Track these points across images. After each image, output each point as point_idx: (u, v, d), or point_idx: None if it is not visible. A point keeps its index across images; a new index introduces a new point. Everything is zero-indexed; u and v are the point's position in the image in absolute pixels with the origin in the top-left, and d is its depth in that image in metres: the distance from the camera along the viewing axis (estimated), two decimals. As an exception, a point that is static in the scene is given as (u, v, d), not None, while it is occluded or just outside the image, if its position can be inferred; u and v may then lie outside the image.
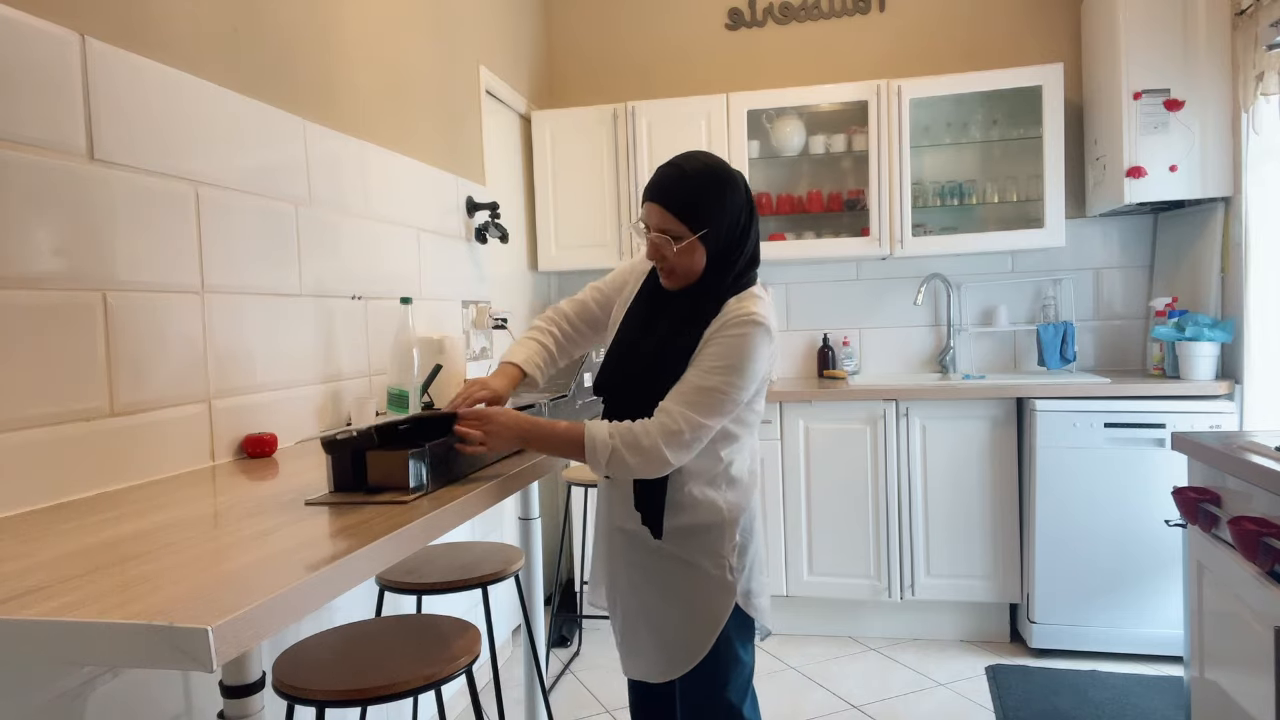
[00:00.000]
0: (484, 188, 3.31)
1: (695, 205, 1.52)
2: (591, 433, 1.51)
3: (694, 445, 1.52)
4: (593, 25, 4.12)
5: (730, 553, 1.64)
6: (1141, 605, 3.07)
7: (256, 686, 1.04)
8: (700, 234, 1.53)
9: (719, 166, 1.57)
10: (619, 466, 1.50)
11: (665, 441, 1.49)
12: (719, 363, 1.51)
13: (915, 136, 3.66)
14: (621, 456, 1.49)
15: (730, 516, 1.64)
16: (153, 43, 1.69)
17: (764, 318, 1.54)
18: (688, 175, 1.53)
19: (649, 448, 1.48)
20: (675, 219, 1.53)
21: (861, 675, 3.08)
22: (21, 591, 0.93)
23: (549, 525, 3.93)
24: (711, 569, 1.63)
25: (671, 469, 1.52)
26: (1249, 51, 2.87)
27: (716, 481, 1.63)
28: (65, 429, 1.46)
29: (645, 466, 1.50)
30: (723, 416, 1.53)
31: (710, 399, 1.50)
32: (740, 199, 1.58)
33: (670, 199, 1.53)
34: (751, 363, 1.52)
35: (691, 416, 1.49)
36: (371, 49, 2.53)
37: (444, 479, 1.49)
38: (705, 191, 1.53)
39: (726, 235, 1.56)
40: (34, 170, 1.41)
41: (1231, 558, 1.78)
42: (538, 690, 2.41)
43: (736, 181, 1.58)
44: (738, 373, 1.51)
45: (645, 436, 1.49)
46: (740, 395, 1.53)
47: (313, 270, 2.19)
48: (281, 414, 2.05)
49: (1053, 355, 3.51)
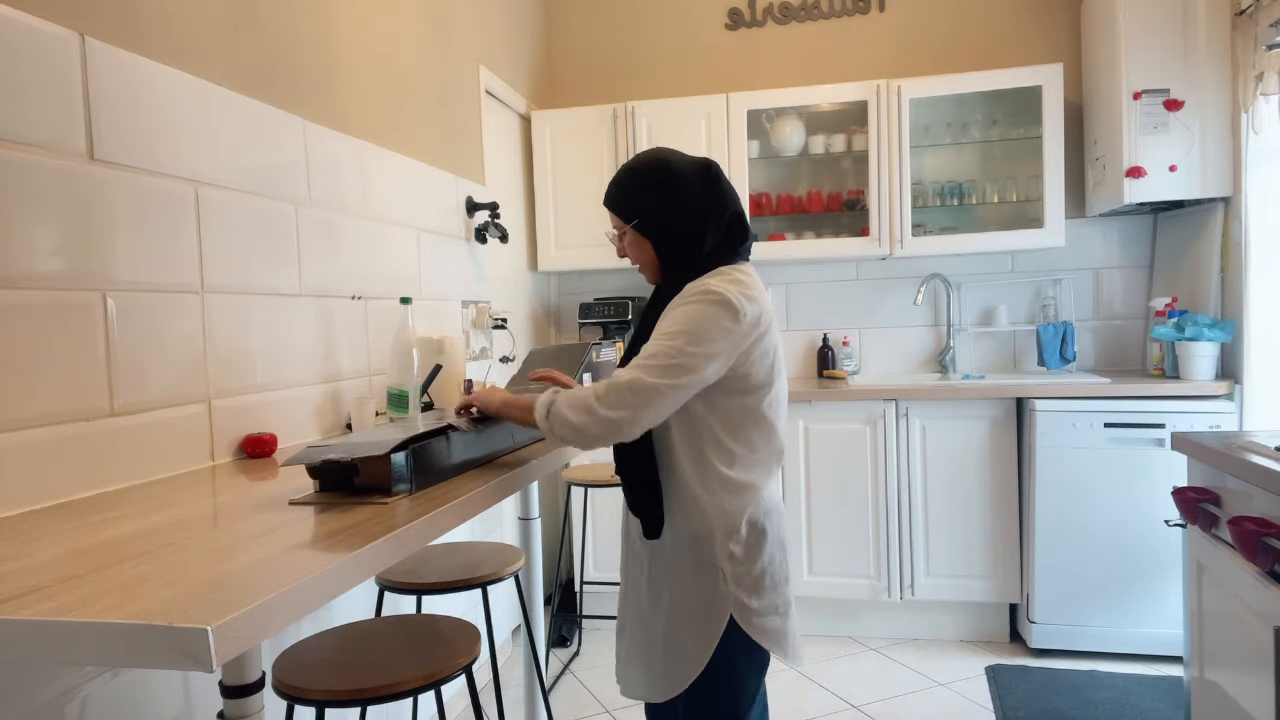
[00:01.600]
0: (484, 188, 3.31)
1: (623, 198, 1.62)
2: (543, 396, 1.51)
3: (640, 408, 1.44)
4: (593, 25, 4.12)
5: (725, 561, 1.56)
6: (1141, 605, 3.07)
7: (256, 686, 1.04)
8: (634, 224, 1.61)
9: (654, 159, 1.61)
10: (559, 423, 1.47)
11: (605, 393, 1.45)
12: (666, 329, 1.49)
13: (915, 136, 3.66)
14: (561, 413, 1.46)
15: (725, 524, 1.56)
16: (153, 43, 1.69)
17: (721, 290, 1.49)
18: (621, 173, 1.64)
19: (586, 405, 1.45)
20: (614, 215, 1.65)
21: (861, 675, 3.08)
22: (21, 591, 0.93)
23: (549, 525, 3.93)
24: (707, 579, 1.57)
25: (612, 431, 1.45)
26: (1249, 51, 2.87)
27: (709, 484, 1.57)
28: (65, 429, 1.46)
29: (586, 421, 1.44)
30: (670, 379, 1.44)
31: (655, 361, 1.45)
32: (685, 185, 1.57)
33: (609, 198, 1.65)
34: (701, 329, 1.46)
35: (636, 376, 1.45)
36: (371, 49, 2.53)
37: (429, 479, 1.48)
38: (633, 184, 1.61)
39: (670, 222, 1.58)
40: (34, 170, 1.41)
41: (1231, 558, 1.78)
42: (537, 690, 2.41)
43: (676, 169, 1.58)
44: (684, 337, 1.46)
45: (586, 396, 1.46)
46: (692, 361, 1.45)
47: (312, 270, 2.19)
48: (281, 414, 2.05)
49: (1052, 355, 3.51)
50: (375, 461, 1.39)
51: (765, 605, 1.57)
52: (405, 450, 1.41)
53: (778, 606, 1.59)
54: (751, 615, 1.56)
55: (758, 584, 1.57)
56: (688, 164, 1.60)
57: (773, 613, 1.58)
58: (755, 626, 1.56)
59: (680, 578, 1.60)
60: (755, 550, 1.58)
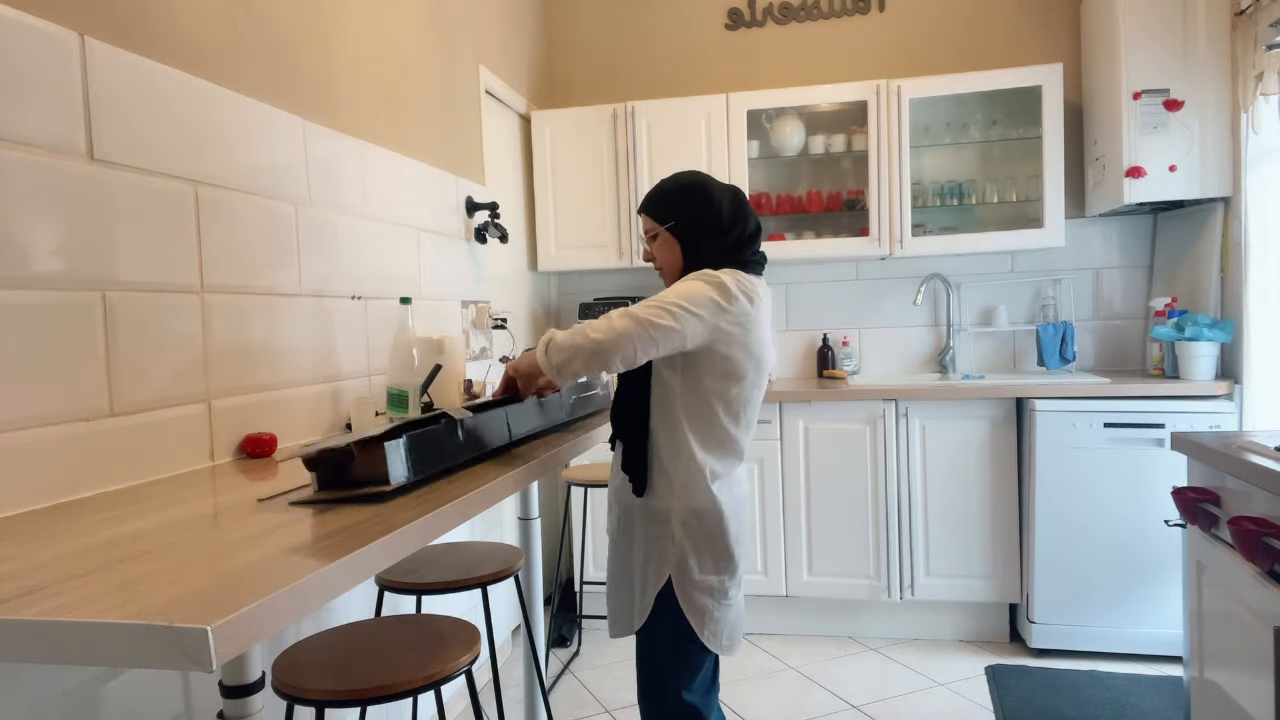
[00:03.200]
0: (484, 188, 3.31)
1: (662, 204, 1.81)
2: (543, 338, 1.70)
3: (624, 334, 1.60)
4: (593, 25, 4.12)
5: (676, 519, 1.75)
6: (1141, 605, 3.07)
7: (256, 686, 1.04)
8: (668, 226, 1.79)
9: (693, 176, 1.82)
10: (556, 350, 1.64)
11: (596, 322, 1.64)
12: (661, 294, 1.68)
13: (915, 136, 3.66)
14: (558, 341, 1.65)
15: (680, 485, 1.75)
16: (153, 43, 1.69)
17: (720, 275, 1.70)
18: (663, 184, 1.84)
19: (581, 330, 1.64)
20: (649, 218, 1.83)
21: (861, 675, 3.09)
22: (21, 591, 0.93)
23: (549, 525, 3.93)
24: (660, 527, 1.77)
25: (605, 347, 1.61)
26: (1248, 51, 2.87)
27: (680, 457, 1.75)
28: (65, 429, 1.46)
29: (580, 341, 1.62)
30: (654, 317, 1.61)
31: (652, 303, 1.64)
32: (714, 199, 1.79)
33: (647, 203, 1.84)
34: (693, 294, 1.65)
35: (631, 309, 1.64)
36: (371, 49, 2.53)
37: (428, 472, 1.47)
38: (674, 193, 1.81)
39: (697, 227, 1.78)
40: (34, 170, 1.41)
41: (1231, 558, 1.78)
42: (537, 690, 2.41)
43: (710, 187, 1.80)
44: (675, 294, 1.66)
45: (582, 325, 1.65)
46: (678, 311, 1.63)
47: (312, 270, 2.19)
48: (281, 414, 2.05)
49: (1052, 355, 3.51)
50: (371, 449, 1.38)
51: (700, 582, 1.75)
52: (400, 438, 1.41)
53: (713, 589, 1.76)
54: (686, 583, 1.74)
55: (700, 558, 1.75)
56: (721, 186, 1.83)
57: (706, 593, 1.75)
58: (686, 596, 1.74)
59: (642, 533, 1.79)
60: (705, 527, 1.75)
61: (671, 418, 1.75)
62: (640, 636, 1.81)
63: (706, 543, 1.75)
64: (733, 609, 1.80)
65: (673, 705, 1.77)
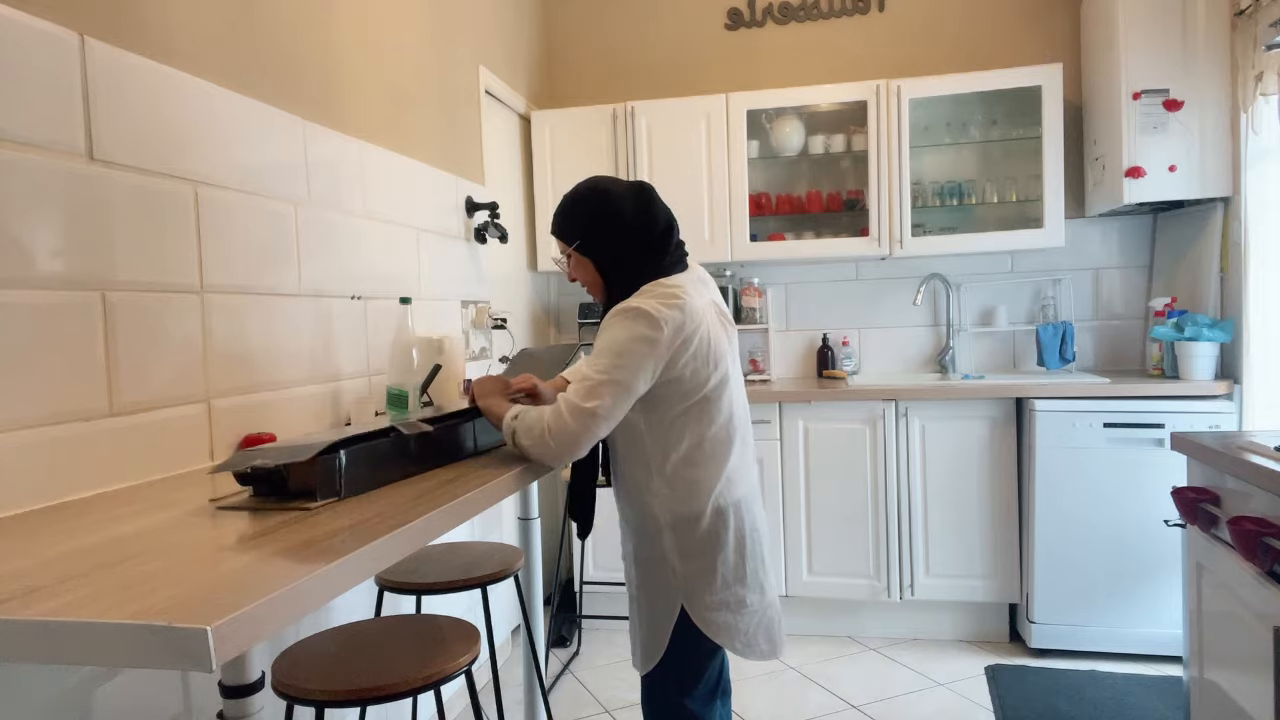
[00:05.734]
0: (483, 188, 3.31)
1: (564, 223, 1.73)
2: (511, 412, 1.64)
3: (582, 434, 1.56)
4: (593, 25, 4.12)
5: (675, 557, 1.70)
6: (1141, 605, 3.07)
7: (256, 687, 1.04)
8: (576, 245, 1.72)
9: (591, 185, 1.72)
10: (519, 448, 1.62)
11: (551, 426, 1.57)
12: (594, 350, 1.62)
13: (915, 136, 3.66)
14: (520, 443, 1.61)
15: (667, 520, 1.70)
16: (152, 43, 1.69)
17: (638, 305, 1.59)
18: (563, 201, 1.74)
19: (538, 433, 1.58)
20: (558, 240, 1.76)
21: (861, 675, 3.09)
22: (21, 591, 0.93)
23: (549, 525, 3.93)
24: (660, 570, 1.73)
25: (562, 454, 1.58)
26: (1248, 52, 2.88)
27: (654, 486, 1.70)
28: (65, 429, 1.46)
29: (537, 449, 1.59)
30: (603, 400, 1.56)
31: (586, 385, 1.57)
32: (613, 205, 1.68)
33: (554, 225, 1.76)
34: (623, 345, 1.57)
35: (572, 402, 1.57)
36: (371, 49, 2.53)
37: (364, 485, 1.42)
38: (573, 209, 1.71)
39: (604, 240, 1.69)
40: (34, 170, 1.41)
41: (1231, 558, 1.78)
42: (537, 690, 2.41)
43: (608, 191, 1.70)
44: (608, 355, 1.58)
45: (537, 423, 1.59)
46: (620, 375, 1.56)
47: (312, 270, 2.19)
48: (281, 414, 2.05)
49: (1052, 355, 3.52)
50: (304, 466, 1.33)
51: (715, 601, 1.69)
52: (337, 453, 1.35)
53: (729, 603, 1.69)
54: (701, 609, 1.69)
55: (708, 581, 1.69)
56: (623, 187, 1.72)
57: (723, 609, 1.69)
58: (704, 619, 1.69)
59: (644, 569, 1.77)
60: (705, 547, 1.69)
61: (642, 456, 1.71)
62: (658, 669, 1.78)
63: (711, 566, 1.70)
64: (756, 613, 1.74)
65: (675, 711, 1.75)
